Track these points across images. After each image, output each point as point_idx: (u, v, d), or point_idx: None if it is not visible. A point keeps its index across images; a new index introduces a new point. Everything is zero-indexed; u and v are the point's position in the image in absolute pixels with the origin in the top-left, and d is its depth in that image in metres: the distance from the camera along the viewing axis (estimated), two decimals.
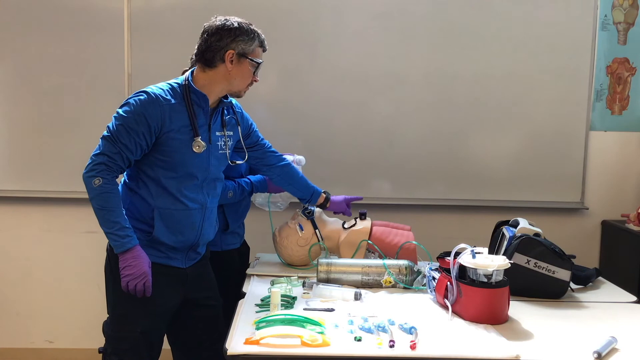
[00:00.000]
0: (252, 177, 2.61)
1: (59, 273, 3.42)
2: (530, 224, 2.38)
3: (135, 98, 2.03)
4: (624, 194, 3.53)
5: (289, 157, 2.60)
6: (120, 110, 2.03)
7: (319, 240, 2.55)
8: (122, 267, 2.01)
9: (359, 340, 1.77)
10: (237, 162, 2.31)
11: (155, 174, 2.07)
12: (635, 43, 3.44)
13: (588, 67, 3.38)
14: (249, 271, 2.49)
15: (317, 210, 2.61)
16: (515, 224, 2.39)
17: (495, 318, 1.95)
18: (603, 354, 1.72)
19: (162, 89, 2.06)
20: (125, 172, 2.15)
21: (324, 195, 2.60)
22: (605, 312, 2.15)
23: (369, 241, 2.51)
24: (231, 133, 2.25)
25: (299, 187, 2.55)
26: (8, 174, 3.32)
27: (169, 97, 2.05)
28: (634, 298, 2.30)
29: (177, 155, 2.06)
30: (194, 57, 2.15)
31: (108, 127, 2.03)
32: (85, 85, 3.26)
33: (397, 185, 3.39)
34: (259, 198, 2.72)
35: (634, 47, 3.44)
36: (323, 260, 2.30)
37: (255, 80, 2.17)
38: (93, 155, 2.01)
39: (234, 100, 2.32)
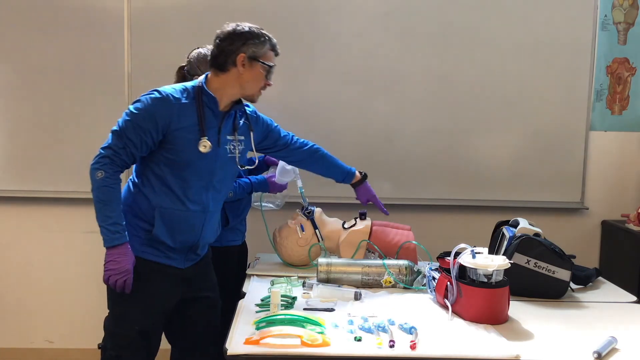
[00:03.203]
0: (252, 177, 2.62)
1: (59, 273, 3.42)
2: (530, 224, 2.38)
3: (147, 96, 2.06)
4: (624, 194, 3.53)
5: None
6: (131, 107, 2.06)
7: (319, 241, 2.55)
8: (107, 260, 2.03)
9: (359, 340, 1.76)
10: (247, 167, 2.32)
11: (162, 172, 2.08)
12: (635, 43, 3.44)
13: (588, 67, 3.38)
14: (249, 271, 2.49)
15: (317, 210, 2.61)
16: (515, 224, 2.39)
17: (495, 318, 1.95)
18: (603, 354, 1.72)
19: (175, 89, 2.09)
20: (134, 170, 2.16)
21: (359, 176, 2.64)
22: (605, 312, 2.15)
23: (369, 241, 2.51)
24: (242, 138, 2.24)
25: (334, 172, 2.60)
26: (8, 174, 3.32)
27: (179, 96, 2.07)
28: (634, 298, 2.30)
29: (184, 154, 2.07)
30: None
31: (118, 122, 2.05)
32: (85, 85, 3.26)
33: (397, 185, 3.39)
34: (252, 197, 2.71)
35: (634, 47, 3.45)
36: (323, 260, 2.30)
37: (269, 84, 2.18)
38: (101, 148, 2.04)
39: (251, 106, 2.32)
